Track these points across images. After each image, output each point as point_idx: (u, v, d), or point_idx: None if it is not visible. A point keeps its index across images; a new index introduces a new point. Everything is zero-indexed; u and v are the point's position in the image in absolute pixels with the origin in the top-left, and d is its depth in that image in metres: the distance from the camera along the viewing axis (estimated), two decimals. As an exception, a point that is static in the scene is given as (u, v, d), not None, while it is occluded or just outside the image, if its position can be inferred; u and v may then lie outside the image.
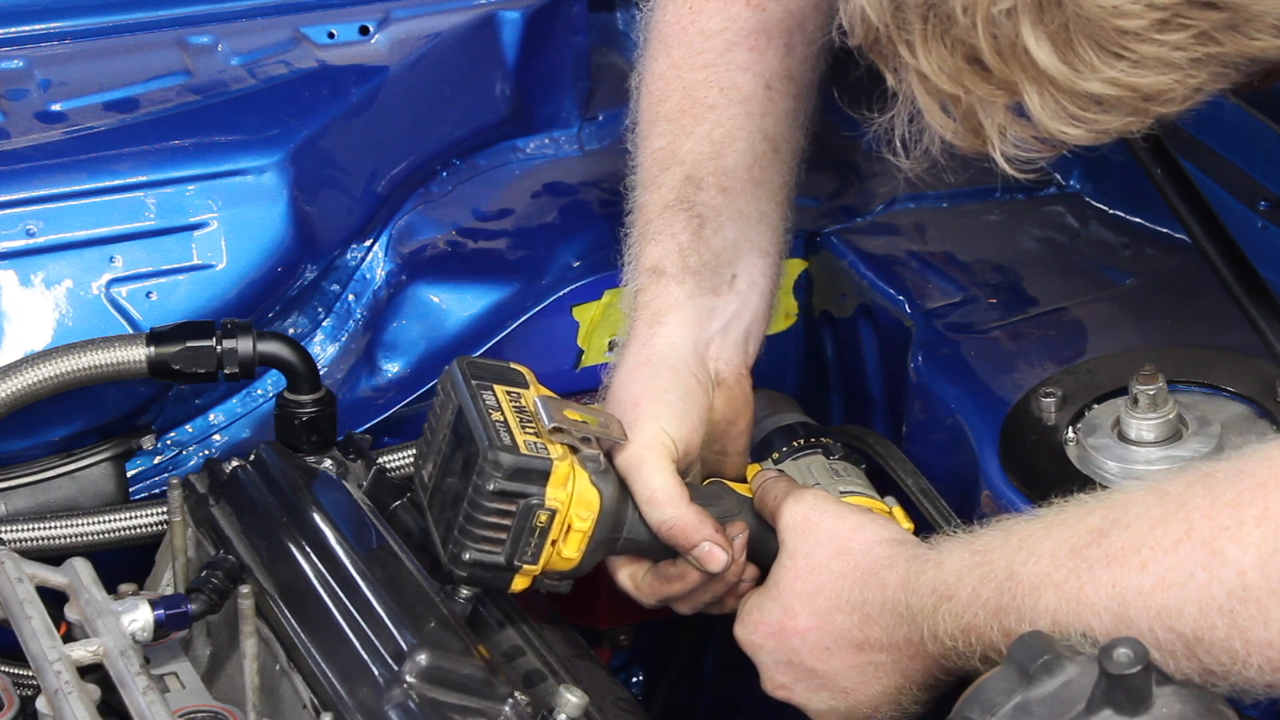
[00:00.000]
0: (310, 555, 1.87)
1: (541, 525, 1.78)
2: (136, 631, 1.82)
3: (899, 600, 1.68)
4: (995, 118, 1.54)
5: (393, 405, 2.28)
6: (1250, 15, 1.46)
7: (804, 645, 1.77)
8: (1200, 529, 1.48)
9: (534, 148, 2.57)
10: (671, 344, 1.93)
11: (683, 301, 1.94)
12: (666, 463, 1.84)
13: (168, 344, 2.05)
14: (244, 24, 2.43)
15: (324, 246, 2.31)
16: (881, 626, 1.71)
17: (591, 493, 1.80)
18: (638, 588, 1.90)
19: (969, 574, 1.62)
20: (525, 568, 1.79)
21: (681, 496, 1.83)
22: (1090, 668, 1.46)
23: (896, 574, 1.70)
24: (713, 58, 2.02)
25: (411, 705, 1.67)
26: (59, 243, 2.17)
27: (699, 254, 1.96)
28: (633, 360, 1.93)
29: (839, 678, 1.75)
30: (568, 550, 1.81)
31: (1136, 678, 1.43)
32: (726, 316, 1.97)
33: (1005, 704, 1.48)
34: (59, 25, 2.40)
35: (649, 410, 1.87)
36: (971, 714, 1.50)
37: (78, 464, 2.19)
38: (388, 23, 2.44)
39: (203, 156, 2.23)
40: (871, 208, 2.41)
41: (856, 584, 1.73)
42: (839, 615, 1.74)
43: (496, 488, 1.75)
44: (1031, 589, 1.56)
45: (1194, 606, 1.47)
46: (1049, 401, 1.94)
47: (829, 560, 1.76)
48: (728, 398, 1.95)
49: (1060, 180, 2.43)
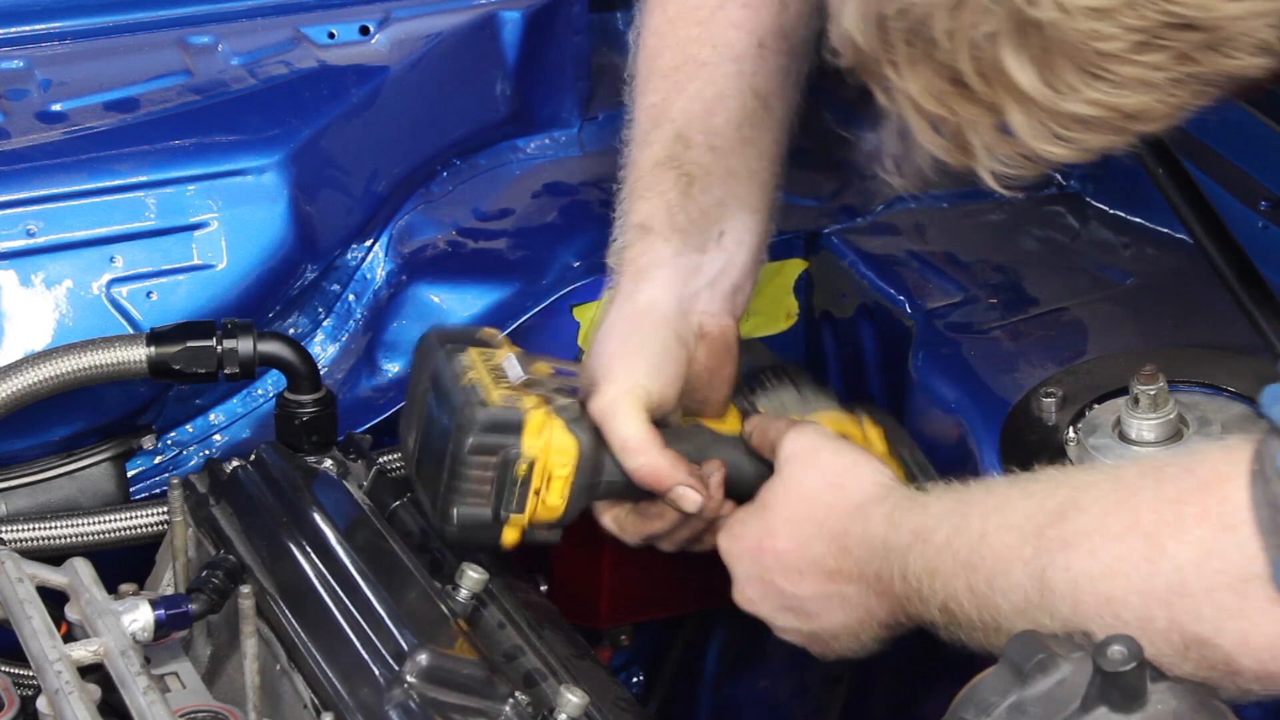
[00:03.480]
0: (310, 555, 1.87)
1: (522, 475, 1.84)
2: (137, 631, 1.82)
3: (879, 535, 1.73)
4: (982, 136, 1.56)
5: (393, 405, 2.28)
6: (1229, 35, 1.47)
7: (778, 565, 1.82)
8: (1145, 521, 1.53)
9: (534, 148, 2.57)
10: (653, 300, 1.96)
11: (668, 259, 1.97)
12: (639, 411, 1.89)
13: (168, 344, 2.05)
14: (244, 24, 2.43)
15: (324, 246, 2.31)
16: (855, 559, 1.75)
17: (568, 440, 1.86)
18: (622, 529, 1.97)
19: (947, 520, 1.67)
20: (512, 519, 1.85)
21: (653, 443, 1.89)
22: (1084, 666, 1.47)
23: (883, 510, 1.75)
24: (706, 14, 2.04)
25: (412, 705, 1.67)
26: (59, 243, 2.17)
27: (687, 212, 1.99)
28: (615, 316, 1.97)
29: (806, 602, 1.81)
30: (551, 498, 1.86)
31: (1131, 674, 1.43)
32: (713, 272, 2.00)
33: (1000, 703, 1.49)
34: (59, 25, 2.40)
35: (625, 363, 1.92)
36: (966, 714, 1.50)
37: (78, 464, 2.19)
38: (388, 23, 2.45)
39: (203, 156, 2.23)
40: (871, 208, 2.41)
41: (843, 516, 1.79)
42: (818, 543, 1.79)
43: (475, 443, 1.81)
44: (1004, 560, 1.60)
45: (1137, 597, 1.52)
46: (1049, 401, 1.94)
47: (821, 491, 1.82)
48: (710, 349, 1.99)
49: (1060, 180, 2.43)
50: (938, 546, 1.66)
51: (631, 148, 2.05)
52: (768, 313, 2.38)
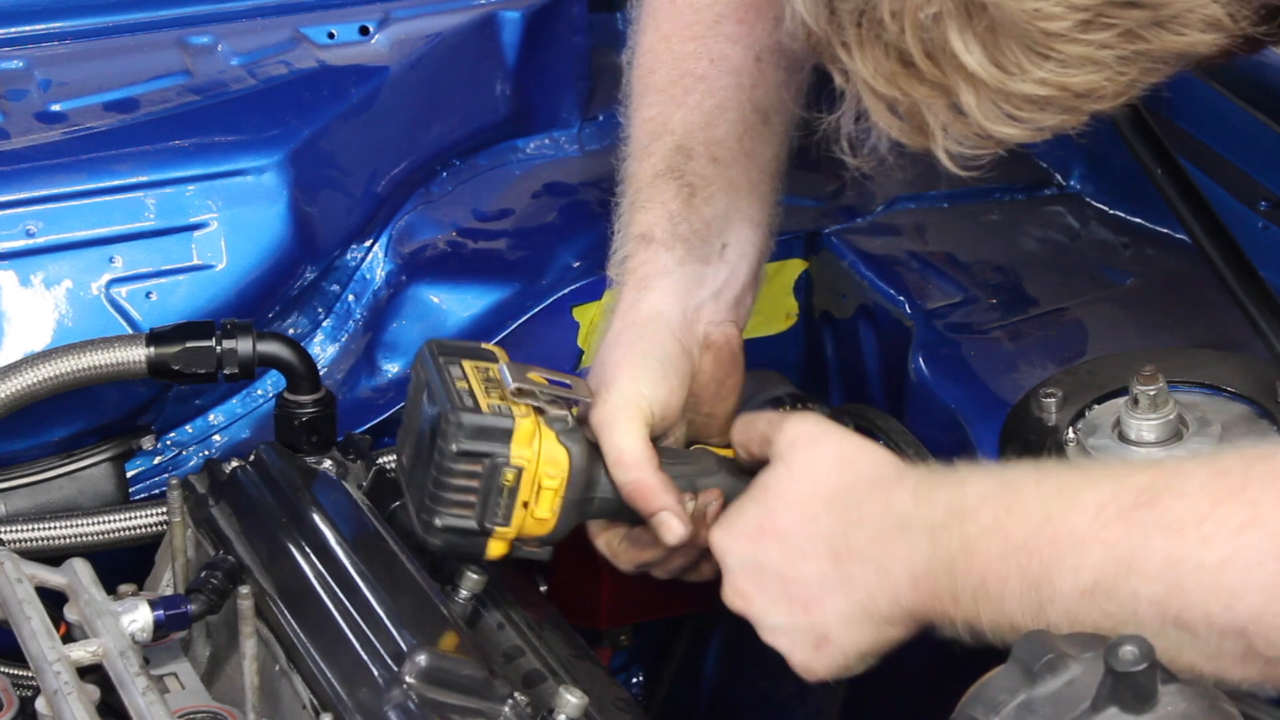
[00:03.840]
0: (310, 555, 1.87)
1: (509, 485, 1.78)
2: (136, 632, 1.82)
3: (902, 510, 1.66)
4: (938, 117, 1.54)
5: (393, 405, 2.28)
6: (1175, 12, 1.46)
7: (779, 548, 1.73)
8: (1269, 518, 1.47)
9: (534, 148, 2.57)
10: (658, 310, 1.91)
11: (671, 268, 1.94)
12: (638, 424, 1.83)
13: (167, 344, 2.05)
14: (244, 24, 2.43)
15: (324, 246, 2.31)
16: (869, 534, 1.67)
17: (558, 450, 1.80)
18: (614, 554, 1.91)
19: (993, 501, 1.60)
20: (498, 531, 1.79)
21: (648, 460, 1.82)
22: (1094, 667, 1.47)
23: (906, 486, 1.68)
24: (702, 30, 2.03)
25: (411, 706, 1.67)
26: (59, 243, 2.17)
27: (689, 222, 1.96)
28: (618, 325, 1.92)
29: (806, 587, 1.71)
30: (540, 511, 1.80)
31: (1142, 675, 1.43)
32: (717, 284, 1.96)
33: (1009, 702, 1.49)
34: (59, 25, 2.40)
35: (628, 373, 1.86)
36: (975, 712, 1.50)
37: (78, 464, 2.19)
38: (388, 23, 2.45)
39: (203, 156, 2.23)
40: (871, 208, 2.41)
41: (857, 491, 1.71)
42: (827, 518, 1.71)
43: (459, 448, 1.76)
44: (1076, 541, 1.54)
45: (1259, 592, 1.47)
46: (1049, 402, 1.94)
47: (831, 467, 1.74)
48: (716, 359, 1.94)
49: (1060, 180, 2.43)
50: (983, 527, 1.59)
51: (629, 162, 2.03)
52: (767, 313, 2.38)
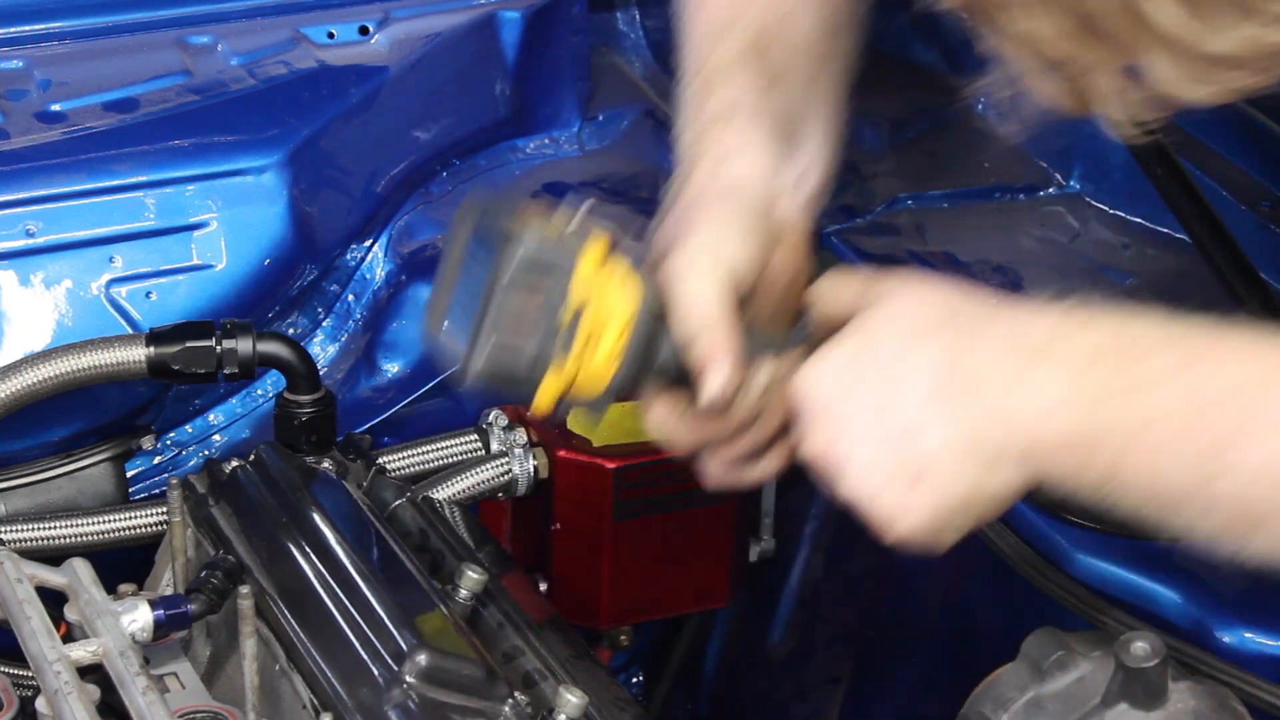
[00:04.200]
0: (310, 555, 1.87)
1: (569, 321, 1.56)
2: (136, 632, 1.81)
3: (1041, 336, 1.52)
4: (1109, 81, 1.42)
5: (393, 405, 2.28)
6: None
7: (875, 375, 1.55)
8: None
9: (534, 148, 2.57)
10: (740, 178, 1.70)
11: (758, 142, 1.72)
12: (718, 274, 1.61)
13: (167, 344, 2.05)
14: (244, 24, 2.43)
15: (324, 246, 2.31)
16: (991, 358, 1.52)
17: (629, 284, 1.58)
18: (672, 430, 1.68)
19: (1168, 350, 1.50)
20: (551, 369, 1.57)
21: (724, 309, 1.60)
22: (1103, 665, 1.47)
23: (1049, 314, 1.54)
24: None
25: (411, 706, 1.67)
26: (59, 243, 2.17)
27: (773, 106, 1.75)
28: (693, 191, 1.70)
29: (904, 415, 1.53)
30: (599, 356, 1.58)
31: (1153, 671, 1.43)
32: (797, 173, 1.76)
33: (1018, 699, 1.49)
34: (59, 25, 2.40)
35: (710, 226, 1.64)
36: (985, 709, 1.50)
37: (77, 464, 2.19)
38: (388, 23, 2.45)
39: (203, 156, 2.23)
40: (871, 208, 2.41)
41: (980, 316, 1.55)
42: (936, 342, 1.54)
43: (516, 276, 1.55)
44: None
45: None
46: (1049, 401, 1.93)
47: (945, 295, 1.57)
48: (790, 252, 1.71)
49: (1060, 180, 2.43)
50: (1166, 365, 1.48)
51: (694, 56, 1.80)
52: (767, 313, 2.38)
